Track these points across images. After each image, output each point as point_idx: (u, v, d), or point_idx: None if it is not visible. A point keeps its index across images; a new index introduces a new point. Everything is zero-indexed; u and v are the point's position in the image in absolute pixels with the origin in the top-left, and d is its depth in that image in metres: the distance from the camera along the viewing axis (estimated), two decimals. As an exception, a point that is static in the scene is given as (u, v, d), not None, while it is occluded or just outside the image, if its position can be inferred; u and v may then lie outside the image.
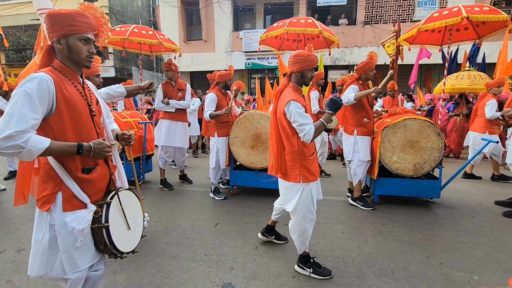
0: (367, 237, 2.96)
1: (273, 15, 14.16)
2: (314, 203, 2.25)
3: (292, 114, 2.06)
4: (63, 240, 1.33)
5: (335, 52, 12.29)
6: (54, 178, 1.34)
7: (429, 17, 4.02)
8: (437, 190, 3.73)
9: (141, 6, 16.29)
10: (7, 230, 3.08)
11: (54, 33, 1.31)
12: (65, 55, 1.36)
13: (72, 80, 1.39)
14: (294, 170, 2.20)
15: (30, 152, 1.17)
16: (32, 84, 1.21)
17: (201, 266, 2.43)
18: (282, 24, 4.22)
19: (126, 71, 15.07)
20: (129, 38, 4.41)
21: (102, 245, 1.40)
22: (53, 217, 1.33)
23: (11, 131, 1.13)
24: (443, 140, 3.52)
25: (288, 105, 2.07)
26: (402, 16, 12.15)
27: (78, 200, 1.37)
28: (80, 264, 1.37)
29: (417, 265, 2.45)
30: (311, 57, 2.12)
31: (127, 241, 1.51)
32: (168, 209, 3.69)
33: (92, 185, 1.43)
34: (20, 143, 1.14)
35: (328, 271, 2.29)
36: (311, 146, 2.26)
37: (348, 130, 3.76)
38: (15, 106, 1.17)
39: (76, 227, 1.31)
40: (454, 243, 2.83)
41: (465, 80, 6.37)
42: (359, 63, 3.63)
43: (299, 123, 2.06)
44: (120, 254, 1.46)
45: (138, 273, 2.33)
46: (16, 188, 1.51)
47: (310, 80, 2.23)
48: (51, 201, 1.32)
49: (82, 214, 1.35)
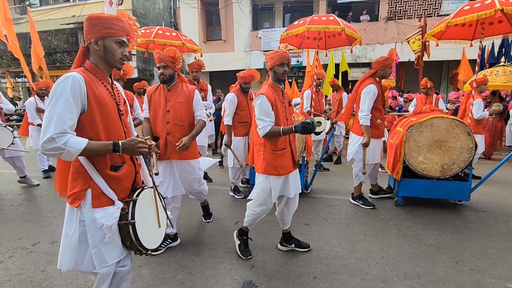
0: (391, 239, 2.87)
1: (292, 14, 14.03)
2: (273, 196, 2.32)
3: (256, 107, 2.22)
4: (93, 236, 1.38)
5: (356, 50, 11.99)
6: (83, 176, 1.39)
7: (459, 11, 3.82)
8: (466, 192, 3.55)
9: (162, 8, 16.70)
10: (41, 223, 3.28)
11: (92, 35, 1.39)
12: (100, 56, 1.43)
13: (102, 80, 1.45)
14: (258, 161, 2.35)
15: (70, 153, 1.24)
16: (66, 84, 1.28)
17: (222, 263, 2.46)
18: (303, 22, 4.16)
19: (148, 71, 15.52)
20: (154, 40, 4.54)
21: (129, 241, 1.44)
22: (83, 213, 1.38)
23: (51, 133, 1.21)
24: (473, 140, 3.35)
25: (257, 98, 2.24)
26: (428, 11, 11.64)
27: (106, 197, 1.41)
28: (108, 259, 1.42)
29: (445, 270, 2.35)
30: (279, 53, 2.24)
31: (152, 239, 1.55)
32: (189, 207, 3.77)
33: (119, 183, 1.48)
34: (60, 145, 1.21)
35: (249, 253, 2.53)
36: (280, 141, 2.31)
37: (359, 131, 3.52)
38: (53, 109, 1.25)
39: (105, 223, 1.36)
40: (485, 249, 2.68)
41: (500, 77, 5.99)
42: (378, 58, 3.48)
43: (258, 117, 2.22)
44: (145, 251, 1.50)
45: (162, 267, 2.40)
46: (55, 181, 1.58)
47: (283, 74, 2.31)
48: (81, 197, 1.38)
49: (111, 210, 1.40)
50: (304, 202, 3.89)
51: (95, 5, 14.23)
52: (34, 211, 3.65)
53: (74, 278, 2.25)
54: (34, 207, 3.78)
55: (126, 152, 1.39)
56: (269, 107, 2.20)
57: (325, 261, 2.49)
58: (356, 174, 3.71)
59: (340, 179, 5.07)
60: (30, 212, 3.58)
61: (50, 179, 5.17)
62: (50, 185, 4.82)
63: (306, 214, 3.51)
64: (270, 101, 2.20)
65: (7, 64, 15.40)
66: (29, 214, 3.52)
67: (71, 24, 14.66)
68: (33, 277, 2.27)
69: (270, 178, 2.31)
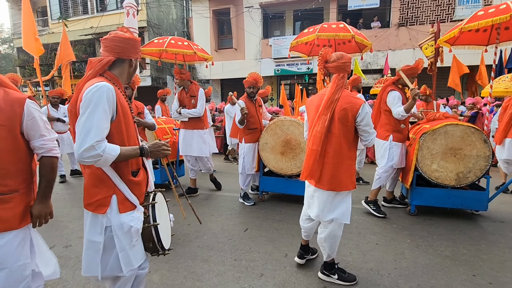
0: (404, 249, 2.79)
1: (302, 21, 14.12)
2: None
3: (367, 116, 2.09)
4: (120, 240, 1.42)
5: (367, 56, 11.90)
6: (106, 183, 1.43)
7: (473, 16, 3.76)
8: (484, 202, 3.42)
9: (175, 18, 17.18)
10: (57, 227, 3.37)
11: (134, 55, 1.53)
12: (127, 71, 1.56)
13: (121, 90, 1.53)
14: (350, 177, 2.17)
15: (106, 159, 1.30)
16: (102, 93, 1.32)
17: (231, 271, 2.45)
18: (313, 30, 4.19)
19: (161, 80, 15.90)
20: (167, 49, 4.67)
21: (151, 243, 1.50)
22: (109, 218, 1.42)
23: (92, 142, 1.26)
24: (490, 148, 3.24)
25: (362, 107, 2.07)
26: (441, 16, 11.47)
27: (130, 202, 1.47)
28: (134, 262, 1.47)
29: (462, 283, 2.26)
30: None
31: (167, 239, 1.64)
32: (198, 213, 3.76)
33: (139, 187, 1.54)
34: (99, 152, 1.27)
35: (353, 276, 2.27)
36: None
37: (382, 135, 3.60)
38: (92, 118, 1.29)
39: (134, 226, 1.42)
40: (505, 261, 2.57)
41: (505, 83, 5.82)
42: (404, 66, 3.46)
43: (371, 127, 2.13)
44: (163, 251, 1.56)
45: (171, 274, 2.41)
46: None
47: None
48: (106, 204, 1.42)
49: (136, 214, 1.47)
50: (314, 210, 3.85)
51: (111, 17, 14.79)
52: (50, 215, 3.75)
53: (87, 283, 2.29)
54: (50, 212, 3.89)
55: (152, 155, 1.50)
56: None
57: (336, 271, 2.44)
58: (378, 176, 3.64)
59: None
60: (46, 217, 3.68)
61: (66, 184, 5.32)
62: (66, 190, 4.96)
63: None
64: None
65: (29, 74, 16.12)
66: (45, 218, 3.63)
67: (89, 35, 15.26)
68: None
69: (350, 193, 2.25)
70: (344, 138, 2.10)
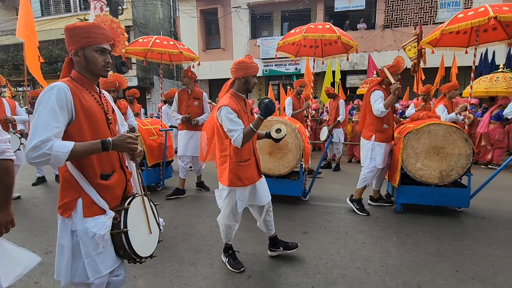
0: (390, 247, 2.83)
1: (290, 22, 14.21)
2: (239, 207, 2.34)
3: (223, 120, 2.17)
4: (85, 246, 1.36)
5: (353, 57, 12.10)
6: (73, 185, 1.38)
7: (453, 19, 3.85)
8: (466, 199, 3.52)
9: (162, 17, 16.92)
10: (37, 233, 3.24)
11: (72, 46, 1.39)
12: (83, 66, 1.42)
13: (89, 90, 1.44)
14: (223, 173, 2.30)
15: (57, 157, 1.22)
16: (51, 93, 1.27)
17: (219, 273, 2.42)
18: (300, 30, 4.20)
19: (148, 80, 15.62)
20: (152, 49, 4.57)
21: (122, 250, 1.42)
22: (75, 223, 1.37)
23: (35, 141, 1.19)
24: (471, 146, 3.34)
25: (219, 110, 2.19)
26: (424, 19, 11.79)
27: (98, 206, 1.40)
28: (102, 269, 1.39)
29: (446, 279, 2.31)
30: (254, 65, 2.27)
31: (145, 246, 1.53)
32: (186, 215, 3.73)
33: (110, 191, 1.46)
34: (45, 151, 1.20)
35: (240, 265, 2.45)
36: (244, 151, 2.30)
37: (366, 135, 3.68)
38: (38, 118, 1.24)
39: (97, 233, 1.34)
40: (486, 256, 2.65)
41: (500, 83, 6.04)
42: (386, 66, 3.55)
43: (228, 129, 2.16)
44: (139, 258, 1.48)
45: (157, 278, 2.36)
46: None
47: (253, 86, 2.34)
48: (72, 207, 1.36)
49: (102, 220, 1.38)
50: (302, 210, 3.85)
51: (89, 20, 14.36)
52: (30, 220, 3.61)
53: (68, 290, 2.20)
54: (30, 217, 3.74)
55: (115, 149, 1.37)
56: (234, 115, 2.16)
57: (324, 270, 2.45)
58: (364, 176, 3.69)
59: (338, 186, 5.04)
60: (26, 222, 3.53)
61: (47, 187, 5.14)
62: (47, 194, 4.78)
63: (305, 222, 3.47)
64: (234, 111, 2.17)
65: (8, 73, 15.50)
66: (24, 223, 3.48)
67: (72, 34, 14.81)
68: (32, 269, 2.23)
69: (236, 190, 2.31)
70: (218, 135, 2.34)
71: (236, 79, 2.31)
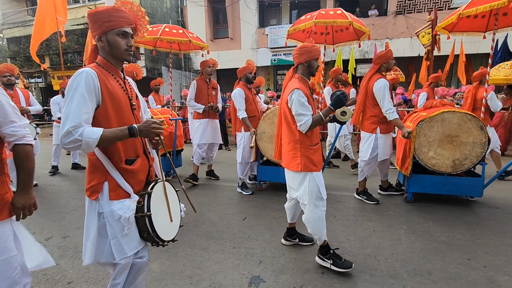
0: (401, 235, 2.83)
1: (299, 10, 13.91)
2: (322, 191, 2.25)
3: (294, 102, 2.15)
4: (111, 227, 1.41)
5: (364, 45, 11.82)
6: (100, 169, 1.42)
7: (471, 2, 3.71)
8: (479, 188, 3.46)
9: (169, 7, 16.79)
10: (54, 218, 3.36)
11: (95, 32, 1.41)
12: (107, 51, 1.44)
13: (114, 75, 1.47)
14: (296, 159, 2.24)
15: (87, 143, 1.27)
16: (80, 79, 1.30)
17: (230, 258, 2.47)
18: (310, 16, 4.12)
19: (156, 70, 15.66)
20: (161, 37, 4.58)
21: (145, 233, 1.47)
22: (101, 205, 1.42)
23: (67, 127, 1.25)
24: (486, 135, 3.26)
25: (291, 93, 2.16)
26: (438, 4, 11.35)
27: (123, 190, 1.45)
28: (127, 250, 1.45)
29: (457, 267, 2.30)
30: (315, 48, 2.24)
31: (168, 230, 1.58)
32: (197, 203, 3.79)
33: (134, 176, 1.50)
34: (76, 137, 1.25)
35: (349, 263, 2.25)
36: (314, 136, 2.27)
37: (369, 128, 3.54)
38: (69, 104, 1.29)
39: (123, 215, 1.39)
40: (499, 246, 2.62)
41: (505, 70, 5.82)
42: (379, 53, 3.44)
43: (298, 113, 2.14)
44: (162, 242, 1.53)
45: (171, 262, 2.43)
46: None
47: (317, 69, 2.31)
48: (98, 190, 1.41)
49: (127, 203, 1.43)
50: (312, 199, 3.87)
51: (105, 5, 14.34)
52: (48, 206, 3.74)
53: (86, 272, 2.30)
54: (47, 203, 3.87)
55: (142, 134, 1.41)
56: (305, 100, 2.15)
57: (334, 257, 2.47)
58: (361, 169, 3.68)
59: (348, 176, 5.02)
60: (44, 208, 3.66)
61: (63, 176, 5.29)
62: (63, 181, 4.93)
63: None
64: (305, 95, 2.16)
65: (20, 65, 15.78)
66: (42, 209, 3.61)
67: (81, 25, 14.90)
68: (47, 270, 2.33)
69: (313, 174, 2.23)
70: (285, 121, 2.30)
71: (299, 64, 2.29)
